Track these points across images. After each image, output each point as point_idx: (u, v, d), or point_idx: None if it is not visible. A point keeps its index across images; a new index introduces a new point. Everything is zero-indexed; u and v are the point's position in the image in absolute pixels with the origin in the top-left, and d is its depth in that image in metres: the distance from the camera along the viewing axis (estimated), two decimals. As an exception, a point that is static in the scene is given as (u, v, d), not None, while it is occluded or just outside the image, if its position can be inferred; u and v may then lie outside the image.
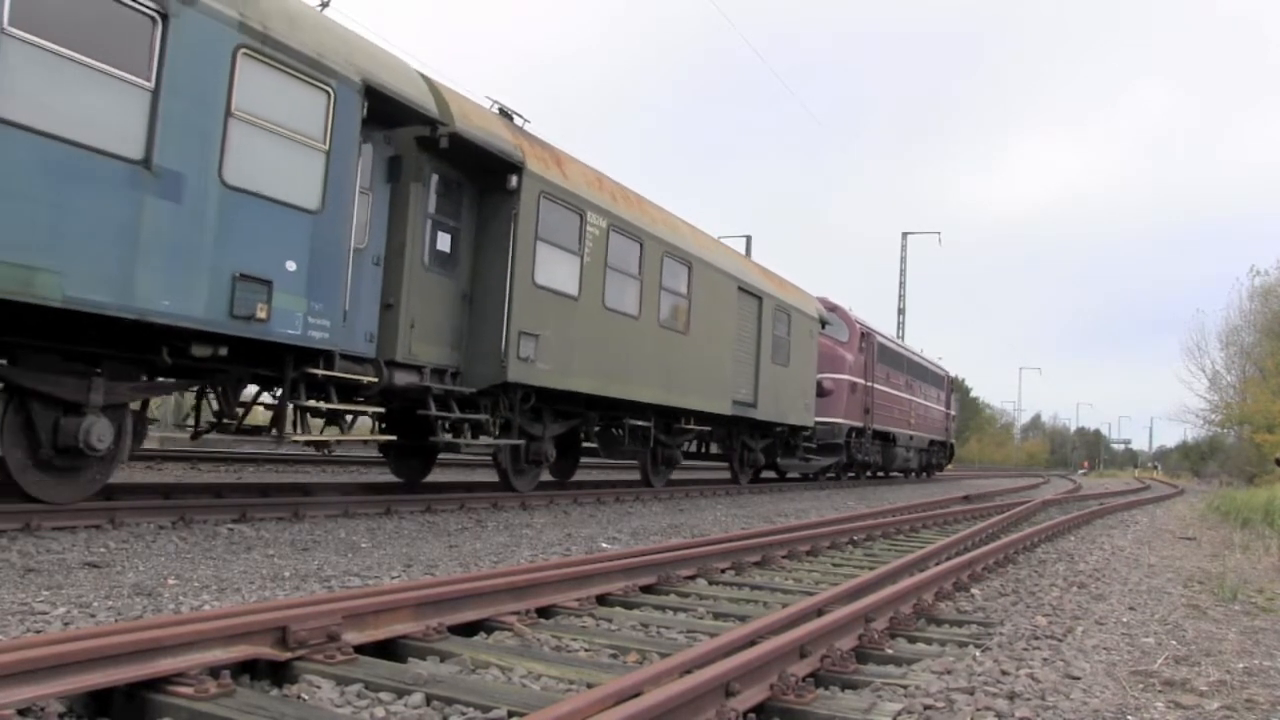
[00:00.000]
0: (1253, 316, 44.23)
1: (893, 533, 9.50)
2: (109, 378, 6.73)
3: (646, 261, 12.42)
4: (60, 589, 4.36)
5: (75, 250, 5.80)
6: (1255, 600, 6.06)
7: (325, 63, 7.50)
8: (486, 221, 9.92)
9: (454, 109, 8.93)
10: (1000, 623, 4.72)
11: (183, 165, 6.42)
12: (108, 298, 6.00)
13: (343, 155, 7.67)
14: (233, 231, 6.79)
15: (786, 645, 3.35)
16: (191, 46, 6.46)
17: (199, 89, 6.55)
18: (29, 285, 5.55)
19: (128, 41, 6.10)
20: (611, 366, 11.64)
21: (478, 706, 2.80)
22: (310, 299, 7.39)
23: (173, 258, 6.38)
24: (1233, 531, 12.26)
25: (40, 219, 5.62)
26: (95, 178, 5.91)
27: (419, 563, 5.86)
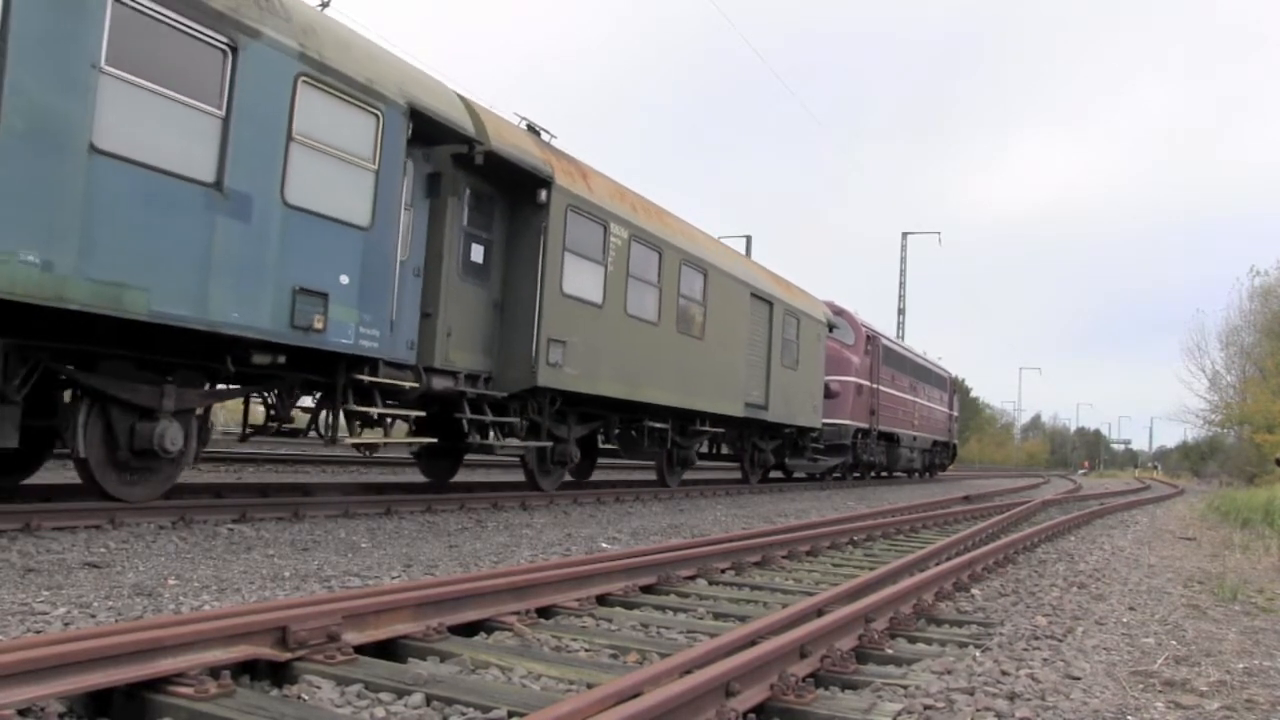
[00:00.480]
0: (1253, 316, 44.26)
1: (893, 533, 9.50)
2: (179, 385, 7.21)
3: (665, 270, 12.93)
4: (60, 589, 4.36)
5: (159, 268, 6.28)
6: (1255, 600, 6.05)
7: (375, 88, 7.97)
8: (517, 233, 10.35)
9: (489, 127, 9.39)
10: (1000, 623, 4.72)
11: (250, 187, 6.90)
12: (186, 311, 6.49)
13: (390, 174, 8.16)
14: (293, 248, 7.26)
15: (787, 645, 3.35)
16: (257, 76, 6.94)
17: (264, 115, 7.02)
18: (119, 301, 6.05)
19: (202, 73, 6.60)
20: (633, 371, 12.11)
21: (478, 707, 2.80)
22: (361, 310, 7.87)
23: (241, 273, 6.86)
24: (1233, 531, 12.26)
25: (130, 241, 6.10)
26: (176, 201, 6.40)
27: (419, 563, 5.86)
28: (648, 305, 12.52)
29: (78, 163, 5.79)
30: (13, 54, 5.45)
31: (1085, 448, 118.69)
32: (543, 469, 11.47)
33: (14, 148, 5.47)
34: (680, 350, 13.36)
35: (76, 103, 5.79)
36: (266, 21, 7.03)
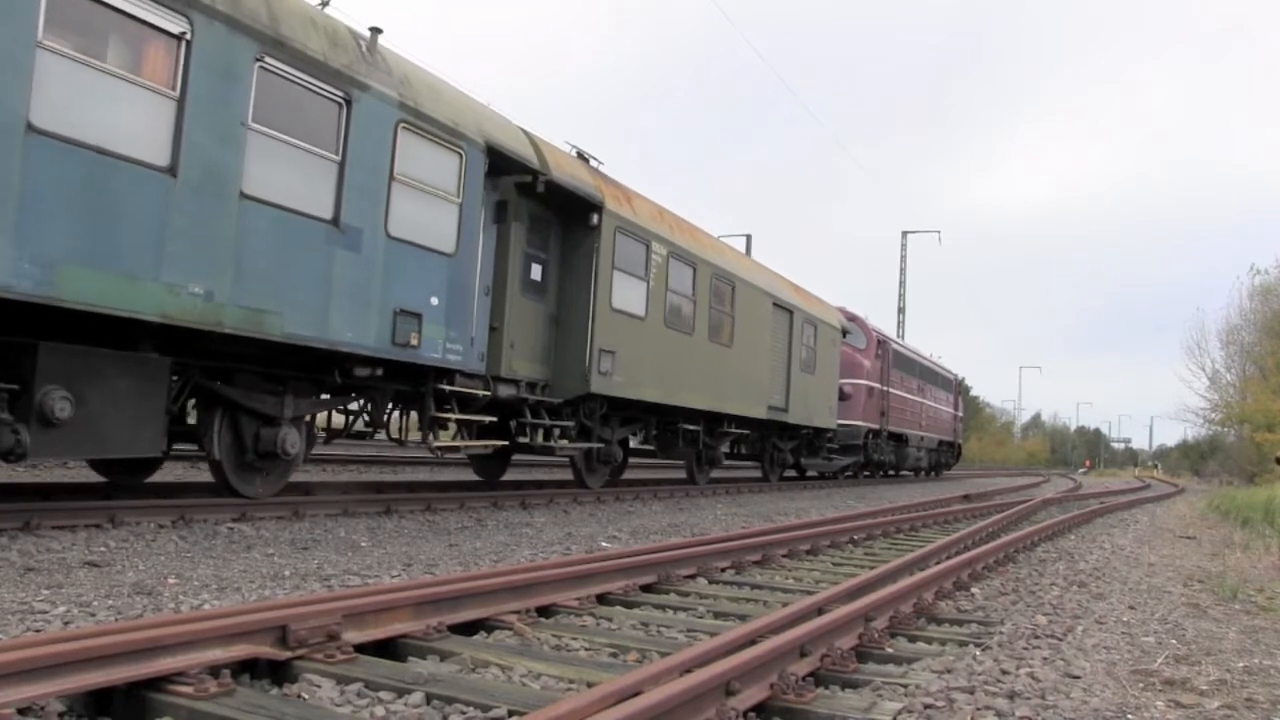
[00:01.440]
0: (1253, 315, 44.20)
1: (893, 532, 9.50)
2: (295, 395, 8.13)
3: (698, 284, 14.01)
4: (60, 588, 4.36)
5: (290, 295, 7.25)
6: (1255, 599, 6.05)
7: (459, 129, 8.96)
8: (571, 253, 11.35)
9: (549, 159, 10.42)
10: (1000, 622, 4.72)
11: (360, 222, 7.86)
12: (310, 332, 7.45)
13: (471, 206, 9.15)
14: (393, 274, 8.24)
15: (787, 644, 3.35)
16: (366, 124, 7.91)
17: (371, 158, 7.98)
18: (261, 325, 7.03)
19: (323, 124, 7.59)
20: (670, 377, 13.14)
21: (478, 705, 2.80)
22: (447, 327, 8.87)
23: (353, 297, 7.84)
24: (1233, 530, 12.26)
25: (269, 272, 7.07)
26: (303, 237, 7.38)
27: (419, 562, 5.86)
28: (683, 317, 13.60)
29: (231, 207, 6.77)
30: (190, 117, 6.44)
31: (1085, 447, 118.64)
32: (589, 468, 12.48)
33: (188, 196, 6.45)
34: (711, 357, 14.36)
35: (232, 156, 6.77)
36: (372, 75, 7.99)
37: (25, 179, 5.51)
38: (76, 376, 6.19)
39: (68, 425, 6.10)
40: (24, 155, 5.50)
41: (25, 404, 5.89)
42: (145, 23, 6.19)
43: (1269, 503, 14.65)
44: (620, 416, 12.76)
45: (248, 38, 6.87)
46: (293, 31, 7.27)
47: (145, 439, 6.77)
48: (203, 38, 6.53)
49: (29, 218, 5.54)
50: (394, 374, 8.83)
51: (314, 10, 7.73)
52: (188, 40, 6.44)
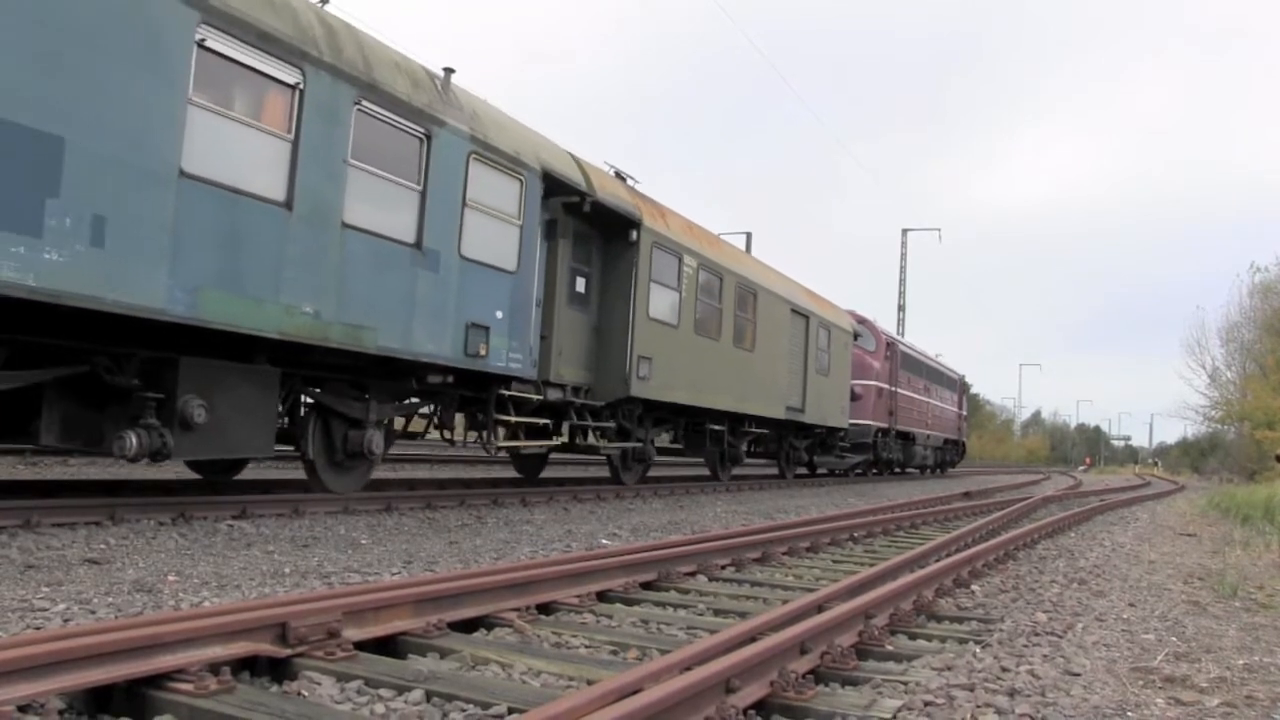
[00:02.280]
0: (1253, 313, 44.14)
1: (893, 529, 9.51)
2: (377, 400, 8.88)
3: (724, 293, 14.95)
4: (60, 585, 4.36)
5: (382, 312, 8.08)
6: (1255, 597, 6.05)
7: (519, 157, 9.80)
8: (611, 266, 12.27)
9: (594, 181, 11.30)
10: (1000, 619, 4.72)
11: (438, 245, 8.67)
12: (398, 345, 8.29)
13: (530, 227, 10.00)
14: (465, 291, 9.06)
15: (787, 642, 3.35)
16: (443, 157, 8.72)
17: (447, 187, 8.78)
18: (359, 340, 7.89)
19: (408, 158, 8.39)
20: (699, 381, 14.03)
21: (478, 703, 2.80)
22: (510, 338, 9.71)
23: (433, 313, 8.66)
24: (1233, 528, 12.26)
25: (365, 292, 7.91)
26: (392, 260, 8.21)
27: (419, 559, 5.86)
28: (711, 324, 14.50)
29: (335, 235, 7.61)
30: (302, 157, 7.28)
31: (1085, 444, 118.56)
32: (625, 466, 13.39)
33: (300, 227, 7.28)
34: (736, 361, 15.32)
35: (335, 190, 7.61)
36: (448, 112, 8.81)
37: (177, 217, 6.38)
38: (208, 386, 7.04)
39: (202, 429, 6.95)
40: (177, 197, 6.37)
41: (169, 410, 6.74)
42: (268, 75, 7.06)
43: (1269, 500, 14.65)
44: (653, 417, 13.66)
45: (348, 84, 7.73)
46: (383, 76, 8.11)
47: (261, 440, 7.64)
48: (313, 86, 7.37)
49: (180, 250, 6.40)
50: (462, 381, 9.73)
51: (398, 55, 8.61)
52: (300, 89, 7.28)
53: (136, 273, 6.12)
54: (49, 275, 5.60)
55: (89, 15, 5.77)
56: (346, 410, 8.61)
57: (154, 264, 6.22)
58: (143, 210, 6.14)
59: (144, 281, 6.16)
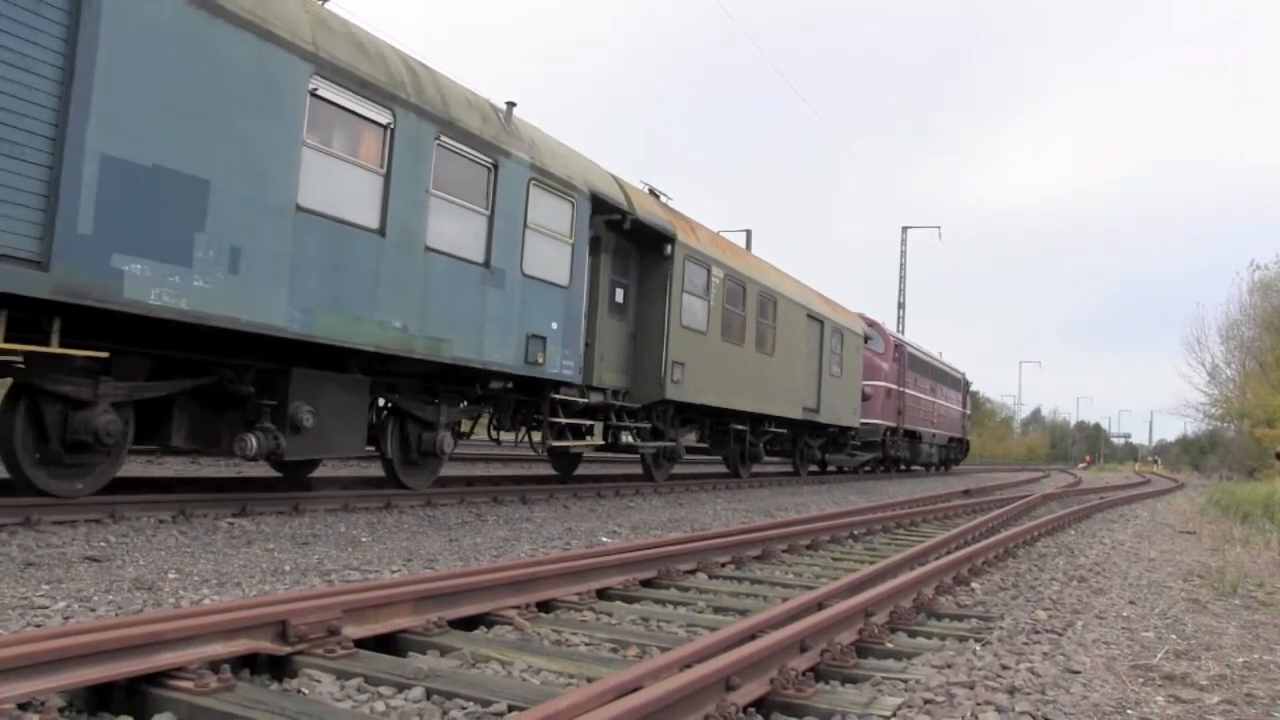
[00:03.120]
0: (1252, 311, 44.09)
1: (893, 527, 9.51)
2: (446, 405, 9.74)
3: (748, 301, 15.88)
4: (60, 583, 4.36)
5: (457, 326, 8.98)
6: (1255, 594, 6.05)
7: (571, 181, 10.75)
8: (647, 278, 13.19)
9: (634, 200, 12.26)
10: (1000, 617, 4.72)
11: (504, 264, 9.61)
12: (471, 355, 9.19)
13: (580, 245, 10.98)
14: (526, 305, 9.99)
15: (787, 640, 3.35)
16: (508, 184, 9.62)
17: (511, 211, 9.71)
18: (438, 351, 8.77)
19: (478, 186, 9.32)
20: (725, 384, 14.93)
21: (478, 701, 2.80)
22: (563, 347, 10.66)
23: (499, 326, 9.58)
24: (1233, 526, 12.26)
25: (443, 308, 8.81)
26: (465, 278, 9.14)
27: (419, 557, 5.86)
28: (735, 330, 15.40)
29: (419, 258, 8.52)
30: (393, 189, 8.18)
31: (1085, 442, 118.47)
32: (657, 464, 14.21)
33: (392, 252, 8.20)
34: (757, 365, 16.25)
35: (419, 217, 8.50)
36: (512, 143, 9.72)
37: (295, 246, 7.28)
38: (313, 393, 7.94)
39: (309, 432, 7.87)
40: (294, 229, 7.27)
41: (281, 415, 7.64)
42: (365, 118, 7.96)
43: (1269, 498, 14.65)
44: (681, 418, 14.52)
45: (430, 122, 8.61)
46: (458, 113, 9.00)
47: (355, 441, 8.55)
48: (402, 125, 8.25)
49: (297, 275, 7.30)
50: (520, 387, 10.72)
51: (469, 92, 9.49)
52: (391, 128, 8.17)
53: (263, 296, 7.06)
54: (197, 299, 6.56)
55: (227, 76, 6.74)
56: (420, 413, 9.50)
57: (277, 288, 7.18)
58: (268, 241, 7.09)
59: (269, 303, 7.11)
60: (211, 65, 6.62)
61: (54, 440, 6.58)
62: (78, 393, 6.58)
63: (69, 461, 6.71)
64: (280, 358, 7.74)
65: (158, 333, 6.79)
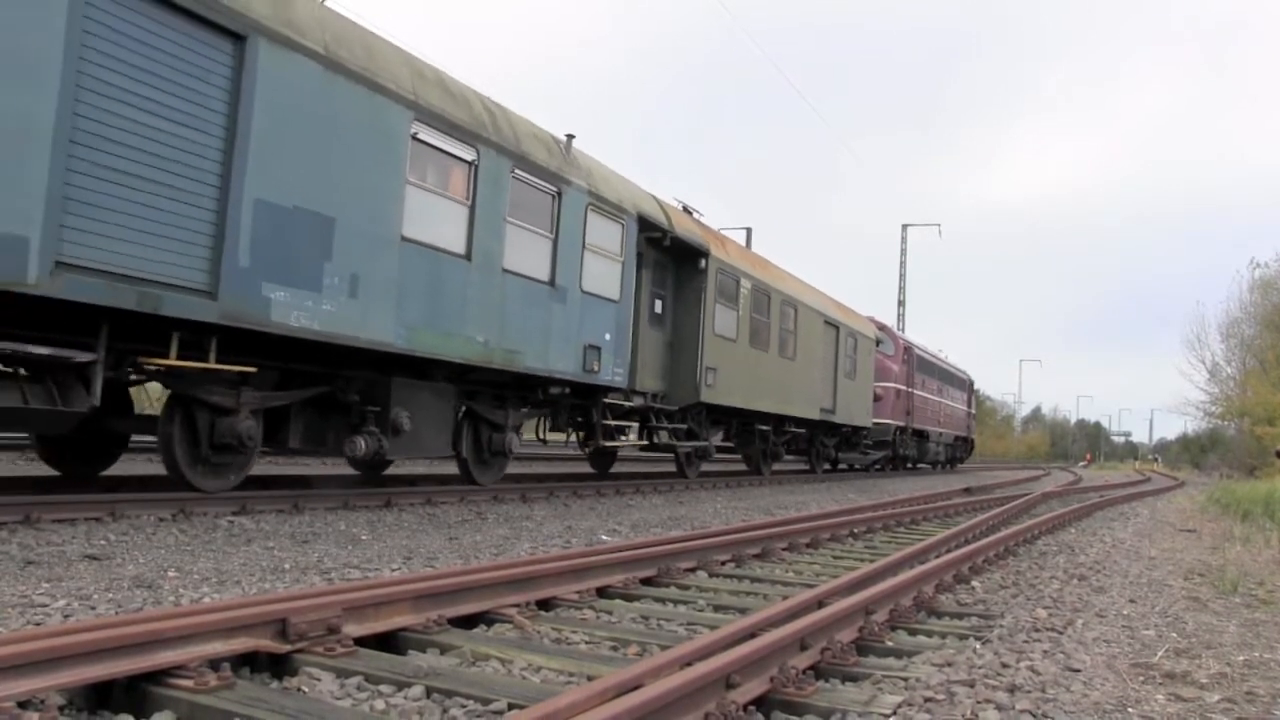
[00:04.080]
0: (1253, 309, 44.05)
1: (893, 525, 9.51)
2: (512, 409, 10.81)
3: (772, 309, 17.02)
4: (60, 581, 4.35)
5: (528, 338, 10.06)
6: (1256, 593, 6.05)
7: (622, 205, 11.94)
8: (682, 290, 14.26)
9: (673, 219, 13.32)
10: (1001, 615, 4.72)
11: (566, 282, 10.70)
12: (539, 365, 10.29)
13: (629, 262, 12.14)
14: (585, 319, 11.08)
15: (787, 638, 3.34)
16: (569, 209, 10.69)
17: (572, 234, 10.76)
18: (513, 362, 9.85)
19: (544, 212, 10.37)
20: (752, 387, 16.00)
21: (478, 699, 2.80)
22: (615, 356, 11.78)
23: (562, 338, 10.66)
24: (1233, 524, 12.25)
25: (517, 323, 9.86)
26: (535, 296, 10.20)
27: (419, 555, 5.86)
28: (761, 336, 16.50)
29: (498, 279, 9.59)
30: (477, 218, 9.14)
31: (1085, 440, 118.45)
32: (689, 461, 15.20)
33: (476, 275, 9.25)
34: (780, 369, 17.38)
35: (498, 242, 9.56)
36: (572, 172, 10.80)
37: (400, 272, 8.33)
38: (409, 400, 8.90)
39: (407, 435, 8.84)
40: (399, 257, 8.30)
41: (383, 420, 8.61)
42: (455, 156, 8.99)
43: (1269, 496, 14.65)
44: (711, 419, 15.56)
45: (507, 157, 9.62)
46: (529, 148, 10.04)
47: (442, 442, 9.63)
48: (484, 160, 9.26)
49: (402, 297, 8.34)
50: (575, 392, 11.71)
51: (536, 127, 10.51)
52: (475, 164, 9.17)
53: (376, 316, 8.08)
54: (326, 321, 7.59)
55: (347, 124, 7.76)
56: (492, 417, 10.54)
57: (387, 309, 8.18)
58: (380, 268, 8.11)
59: (380, 322, 8.13)
60: (335, 116, 7.65)
61: (204, 444, 7.50)
62: (224, 402, 7.51)
63: (215, 461, 7.64)
64: (381, 369, 8.77)
65: (283, 348, 7.81)
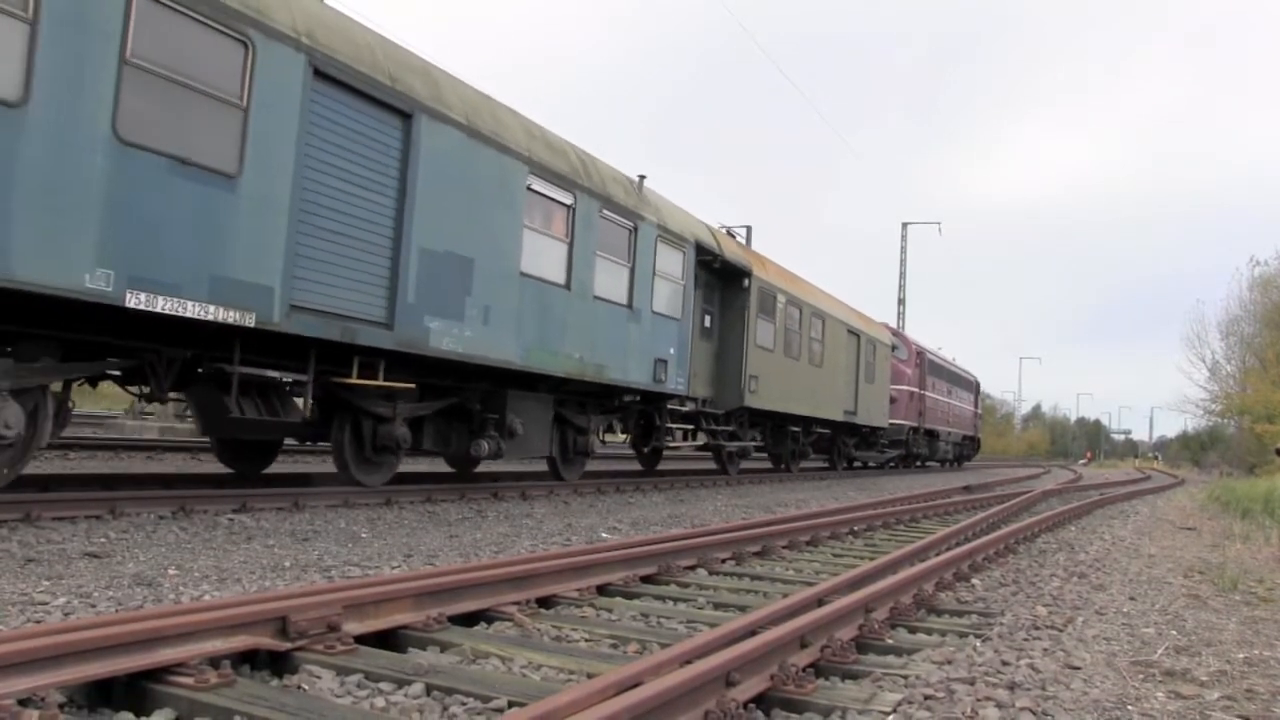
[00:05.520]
0: (1252, 307, 44.02)
1: (893, 523, 9.51)
2: (592, 414, 12.44)
3: (804, 322, 18.76)
4: (61, 579, 4.36)
5: (612, 354, 11.65)
6: (1255, 590, 6.06)
7: (683, 235, 13.51)
8: (728, 306, 15.91)
9: (722, 244, 15.12)
10: (1001, 613, 4.72)
11: (640, 304, 12.33)
12: (620, 377, 11.87)
13: (688, 285, 13.75)
14: (655, 336, 12.69)
15: (787, 635, 3.34)
16: (643, 241, 12.33)
17: (645, 262, 12.42)
18: (601, 374, 11.46)
19: (622, 245, 11.92)
20: (788, 392, 17.76)
21: (478, 696, 2.80)
22: (677, 367, 13.37)
23: (638, 353, 12.30)
24: (1233, 522, 12.26)
25: (605, 341, 11.48)
26: (617, 317, 11.82)
27: (419, 553, 5.86)
28: (794, 346, 18.18)
29: (590, 304, 11.19)
30: (575, 254, 10.82)
31: (1085, 438, 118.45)
32: (731, 459, 16.80)
33: (574, 302, 10.83)
34: (810, 375, 19.14)
35: (589, 273, 11.12)
36: (644, 209, 12.44)
37: (519, 302, 9.88)
38: (520, 408, 10.56)
39: (519, 438, 10.45)
40: (519, 289, 9.89)
41: (500, 425, 10.25)
42: (557, 201, 10.56)
43: (1269, 494, 14.66)
44: (749, 422, 17.11)
45: (596, 199, 11.19)
46: (611, 190, 11.62)
47: (544, 444, 11.29)
48: (579, 204, 10.86)
49: (520, 323, 9.90)
50: (644, 399, 13.50)
51: (615, 171, 12.10)
52: (573, 207, 10.79)
53: (502, 340, 9.64)
54: (466, 344, 9.14)
55: (482, 181, 9.28)
56: (578, 421, 12.05)
57: (509, 333, 9.75)
58: (505, 300, 9.67)
59: (505, 345, 9.69)
60: (473, 173, 9.16)
61: (367, 447, 9.05)
62: (384, 412, 9.01)
63: (374, 461, 9.16)
64: (498, 382, 10.30)
65: (428, 367, 9.24)
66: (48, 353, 6.46)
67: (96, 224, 5.93)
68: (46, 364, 6.47)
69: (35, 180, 5.61)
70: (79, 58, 5.80)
